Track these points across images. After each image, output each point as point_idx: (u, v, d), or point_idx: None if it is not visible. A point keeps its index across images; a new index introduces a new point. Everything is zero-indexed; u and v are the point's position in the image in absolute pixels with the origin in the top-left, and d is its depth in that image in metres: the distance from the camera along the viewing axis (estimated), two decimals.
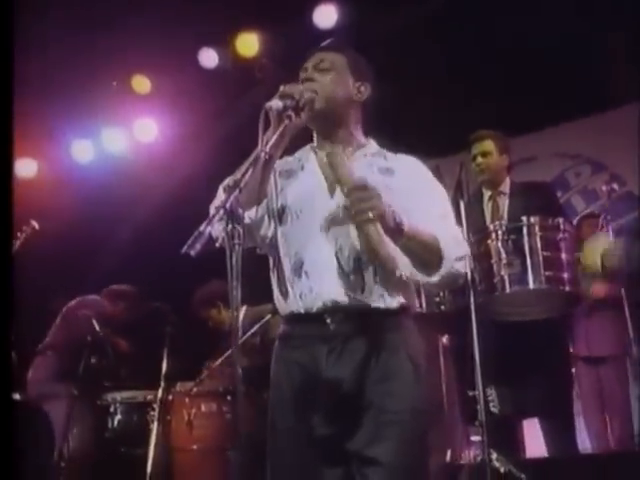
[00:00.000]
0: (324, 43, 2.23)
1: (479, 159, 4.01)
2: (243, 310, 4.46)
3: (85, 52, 5.50)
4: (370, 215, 1.81)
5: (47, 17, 5.13)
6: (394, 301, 1.97)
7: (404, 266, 1.96)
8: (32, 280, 4.88)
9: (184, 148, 6.35)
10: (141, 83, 6.25)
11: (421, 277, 2.01)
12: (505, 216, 3.87)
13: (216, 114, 6.25)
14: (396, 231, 1.86)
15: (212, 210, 1.92)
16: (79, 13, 5.24)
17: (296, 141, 2.08)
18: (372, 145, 2.19)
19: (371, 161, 2.12)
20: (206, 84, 6.06)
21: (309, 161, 2.14)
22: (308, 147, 2.20)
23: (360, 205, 1.81)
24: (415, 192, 2.05)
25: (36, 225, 4.41)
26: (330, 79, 2.10)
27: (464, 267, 2.04)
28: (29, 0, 4.34)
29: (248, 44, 5.96)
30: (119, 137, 6.62)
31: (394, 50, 5.30)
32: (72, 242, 6.15)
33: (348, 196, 1.85)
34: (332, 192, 2.02)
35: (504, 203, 3.99)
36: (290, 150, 2.12)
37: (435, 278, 1.98)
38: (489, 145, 4.02)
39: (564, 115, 6.16)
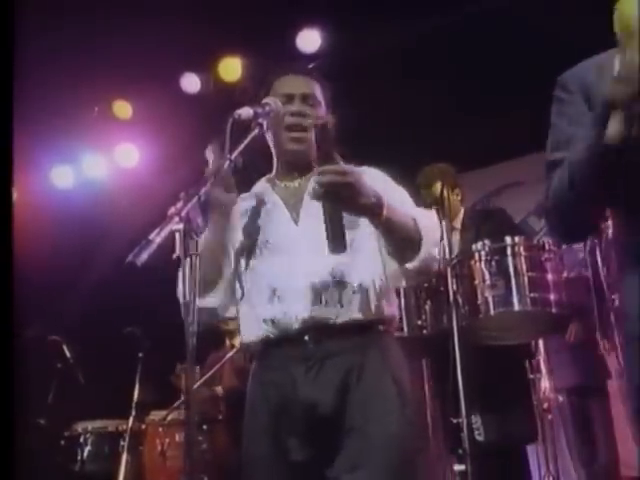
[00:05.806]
0: (302, 66, 2.25)
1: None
2: None
3: (66, 77, 5.45)
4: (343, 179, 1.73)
5: (28, 41, 5.07)
6: (375, 312, 1.88)
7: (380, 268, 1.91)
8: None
9: (165, 174, 6.27)
10: (122, 108, 6.21)
11: (399, 265, 1.93)
12: (456, 251, 3.72)
13: (198, 139, 6.19)
14: (376, 207, 1.78)
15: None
16: (60, 37, 5.19)
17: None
18: None
19: None
20: (188, 109, 6.00)
21: (268, 194, 2.10)
22: (263, 180, 2.16)
23: (334, 178, 1.73)
24: (384, 193, 1.98)
25: None
26: (319, 116, 2.06)
27: (438, 252, 1.98)
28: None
29: (231, 69, 5.91)
30: (100, 162, 6.54)
31: (371, 76, 5.26)
32: (51, 268, 6.03)
33: (321, 173, 1.75)
34: (296, 220, 2.00)
35: (456, 239, 3.85)
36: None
37: (415, 263, 1.89)
38: (439, 188, 3.79)
39: None
